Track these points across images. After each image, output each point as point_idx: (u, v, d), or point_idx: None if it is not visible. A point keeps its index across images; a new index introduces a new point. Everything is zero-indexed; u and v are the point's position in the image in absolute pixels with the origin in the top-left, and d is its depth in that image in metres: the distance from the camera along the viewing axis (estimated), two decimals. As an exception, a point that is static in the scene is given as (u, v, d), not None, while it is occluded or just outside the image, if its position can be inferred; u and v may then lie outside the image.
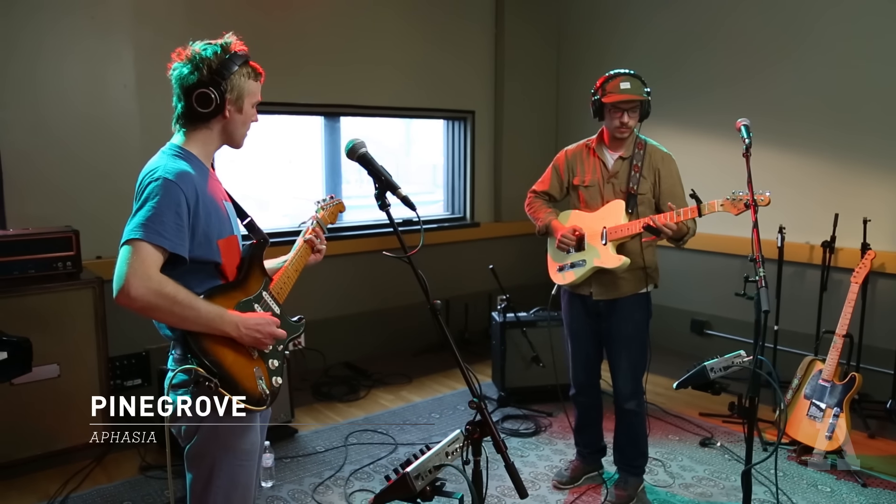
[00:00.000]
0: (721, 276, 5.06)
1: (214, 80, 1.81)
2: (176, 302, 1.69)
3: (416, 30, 5.35)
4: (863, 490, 3.30)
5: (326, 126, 5.19)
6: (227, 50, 1.85)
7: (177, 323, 1.73)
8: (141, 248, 1.67)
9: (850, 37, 4.37)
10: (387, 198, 1.76)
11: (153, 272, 1.68)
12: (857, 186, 4.36)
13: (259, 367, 1.87)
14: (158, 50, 4.12)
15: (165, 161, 1.81)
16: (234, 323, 1.79)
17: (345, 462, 3.60)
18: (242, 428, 1.88)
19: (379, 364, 5.03)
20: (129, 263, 1.66)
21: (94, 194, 4.01)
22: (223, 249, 1.86)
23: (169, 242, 1.70)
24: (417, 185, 6.02)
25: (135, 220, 1.71)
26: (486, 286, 5.87)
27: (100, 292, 3.62)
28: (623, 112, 3.01)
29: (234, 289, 1.88)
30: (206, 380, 1.71)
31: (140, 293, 1.65)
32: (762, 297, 2.18)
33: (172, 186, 1.73)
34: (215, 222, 1.84)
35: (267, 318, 1.87)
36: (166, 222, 1.70)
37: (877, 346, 4.15)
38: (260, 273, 1.97)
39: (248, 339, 1.82)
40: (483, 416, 1.60)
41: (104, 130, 4.02)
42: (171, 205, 1.71)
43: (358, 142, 1.78)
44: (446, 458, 1.63)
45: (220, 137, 1.92)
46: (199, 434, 1.84)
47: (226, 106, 1.84)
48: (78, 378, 3.57)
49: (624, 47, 5.63)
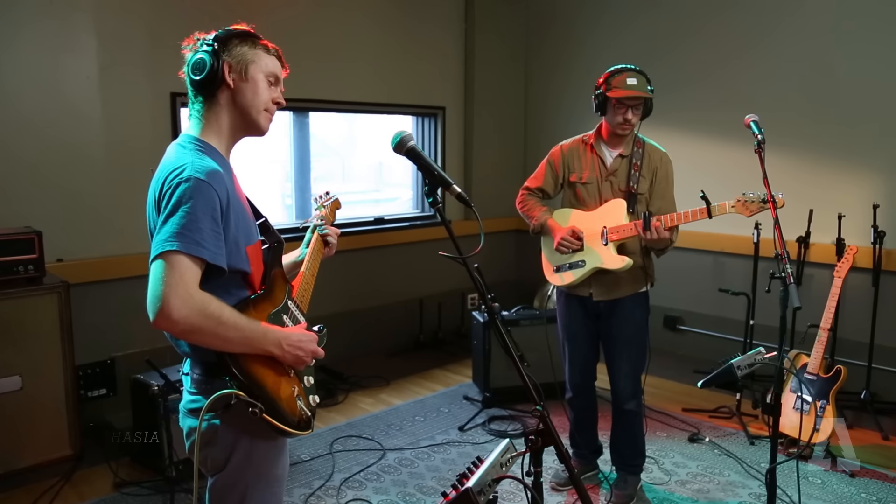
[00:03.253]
0: (693, 273, 5.12)
1: (210, 46, 1.66)
2: (220, 322, 1.50)
3: (387, 26, 5.22)
4: (851, 480, 3.35)
5: (295, 121, 5.01)
6: (227, 28, 1.71)
7: (219, 345, 1.54)
8: (178, 262, 1.47)
9: (822, 32, 4.45)
10: (438, 195, 1.63)
11: (194, 289, 1.49)
12: (831, 182, 4.44)
13: (296, 387, 1.72)
14: (124, 38, 3.94)
15: (191, 157, 1.59)
16: (278, 340, 1.62)
17: (333, 470, 3.46)
18: (276, 452, 1.74)
19: (353, 366, 4.89)
20: (166, 281, 1.46)
21: (54, 193, 3.74)
22: (251, 257, 1.68)
23: (209, 253, 1.51)
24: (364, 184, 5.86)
25: (167, 228, 1.50)
26: (458, 285, 5.81)
27: (65, 297, 3.38)
28: (628, 108, 2.96)
29: (262, 300, 1.70)
30: (249, 405, 1.53)
31: (183, 314, 1.45)
32: (792, 293, 2.15)
33: (206, 188, 1.53)
34: (243, 227, 1.66)
35: (308, 334, 1.72)
36: (204, 230, 1.50)
37: (849, 339, 4.25)
38: (282, 280, 1.80)
39: (290, 358, 1.66)
40: (546, 425, 1.50)
41: (65, 125, 3.75)
42: (206, 209, 1.52)
43: (406, 134, 1.63)
44: (501, 471, 1.53)
45: (232, 118, 1.70)
46: (230, 462, 1.66)
47: (225, 71, 1.65)
48: (42, 390, 3.33)
49: (593, 46, 5.63)
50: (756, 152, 2.52)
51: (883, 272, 4.06)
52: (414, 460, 3.60)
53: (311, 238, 2.09)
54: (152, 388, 3.27)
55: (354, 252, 5.11)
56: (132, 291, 3.97)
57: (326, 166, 5.31)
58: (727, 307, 4.95)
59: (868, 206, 4.11)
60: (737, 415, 4.06)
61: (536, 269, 4.74)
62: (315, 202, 2.29)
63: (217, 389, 1.56)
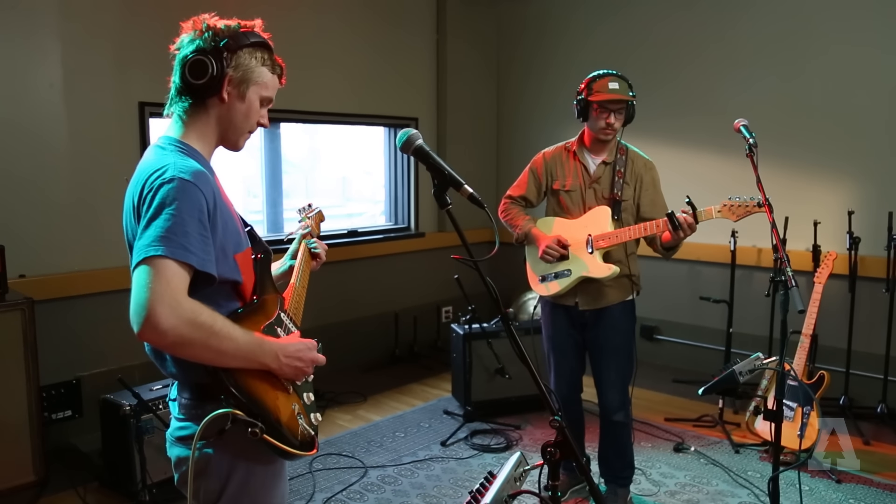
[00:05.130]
0: (669, 282, 5.12)
1: (216, 50, 1.49)
2: (213, 333, 1.37)
3: (359, 38, 5.15)
4: (838, 486, 3.35)
5: (266, 133, 4.90)
6: (244, 27, 1.56)
7: (212, 358, 1.40)
8: (164, 268, 1.34)
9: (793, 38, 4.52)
10: (446, 196, 1.55)
11: (183, 297, 1.35)
12: (805, 189, 4.49)
13: (297, 404, 1.59)
14: (89, 45, 3.79)
15: (173, 157, 1.46)
16: (274, 352, 1.49)
17: (314, 490, 3.33)
18: (275, 479, 1.60)
19: (328, 382, 4.75)
20: (152, 288, 1.32)
21: (15, 206, 3.56)
22: (241, 265, 1.56)
23: (197, 258, 1.38)
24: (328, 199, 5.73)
25: (150, 232, 1.36)
26: (433, 298, 5.73)
27: (29, 315, 3.21)
28: (610, 112, 2.93)
29: (255, 312, 1.57)
30: (248, 425, 1.39)
31: (171, 324, 1.32)
32: (795, 296, 2.12)
33: (192, 189, 1.41)
34: (231, 233, 1.54)
35: (306, 342, 1.59)
36: (191, 233, 1.38)
37: (826, 345, 4.27)
38: (273, 291, 1.67)
39: (288, 371, 1.53)
40: (564, 436, 1.43)
41: (27, 134, 3.58)
42: (193, 211, 1.39)
43: (412, 133, 1.55)
44: (516, 485, 1.46)
45: (217, 130, 1.58)
46: (226, 493, 1.52)
47: (224, 84, 1.51)
48: (4, 413, 3.14)
49: (564, 53, 5.64)
50: (748, 156, 2.50)
51: (859, 278, 4.10)
52: (397, 477, 3.50)
53: (298, 249, 2.00)
54: (123, 407, 3.11)
55: (327, 265, 4.93)
56: (99, 308, 3.82)
57: (288, 182, 5.18)
58: (704, 316, 4.96)
59: (842, 212, 4.16)
60: (720, 423, 4.05)
61: (513, 280, 4.72)
62: (299, 213, 2.22)
63: (209, 413, 1.43)
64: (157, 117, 4.02)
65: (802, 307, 2.13)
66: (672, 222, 2.72)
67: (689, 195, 2.78)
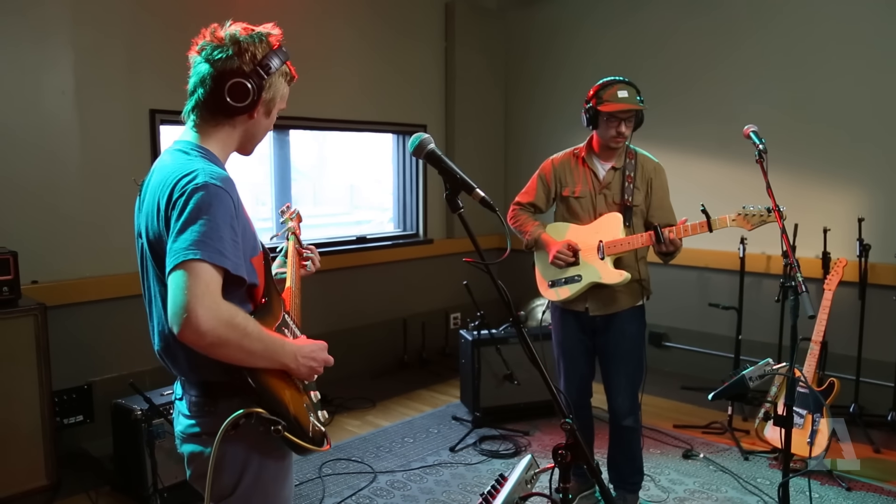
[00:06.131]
0: (678, 288, 5.12)
1: (257, 73, 1.55)
2: (246, 334, 1.43)
3: (367, 45, 5.18)
4: (848, 494, 3.34)
5: (276, 140, 4.94)
6: (272, 42, 1.60)
7: (243, 358, 1.46)
8: (202, 272, 1.39)
9: (805, 45, 4.52)
10: (458, 200, 1.57)
11: (220, 300, 1.41)
12: (815, 196, 4.48)
13: (307, 402, 1.65)
14: (100, 53, 3.83)
15: (201, 164, 1.51)
16: (293, 353, 1.55)
17: (324, 495, 3.34)
18: (285, 473, 1.66)
19: (337, 388, 4.77)
20: (192, 291, 1.37)
21: (28, 213, 3.60)
22: (257, 269, 1.61)
23: (231, 263, 1.44)
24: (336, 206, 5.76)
25: (186, 236, 1.41)
26: (441, 304, 5.74)
27: (42, 320, 3.24)
28: (620, 122, 2.94)
29: (266, 314, 1.62)
30: (270, 423, 1.45)
31: (211, 326, 1.37)
32: (805, 302, 2.13)
33: (223, 195, 1.46)
34: (250, 238, 1.59)
35: (319, 344, 1.65)
36: (225, 238, 1.43)
37: (836, 353, 4.26)
38: (276, 293, 1.71)
39: (304, 371, 1.59)
40: (575, 439, 1.44)
41: (39, 141, 3.62)
42: (226, 217, 1.45)
43: (424, 137, 1.57)
44: (527, 488, 1.47)
45: (239, 140, 1.66)
46: (239, 487, 1.57)
47: (259, 105, 1.58)
48: (16, 418, 3.17)
49: (573, 61, 5.66)
50: (757, 162, 2.51)
51: (869, 285, 4.09)
52: (406, 483, 3.50)
53: (288, 250, 2.04)
54: (135, 412, 3.13)
55: (335, 272, 5.02)
56: (110, 314, 3.85)
57: (297, 189, 5.20)
58: (712, 323, 4.96)
59: (852, 219, 4.15)
60: (729, 430, 4.04)
61: (522, 287, 4.72)
62: (282, 215, 2.27)
63: (222, 410, 1.50)
64: (168, 125, 4.05)
65: (813, 312, 2.13)
66: (657, 236, 2.83)
67: (703, 203, 2.79)
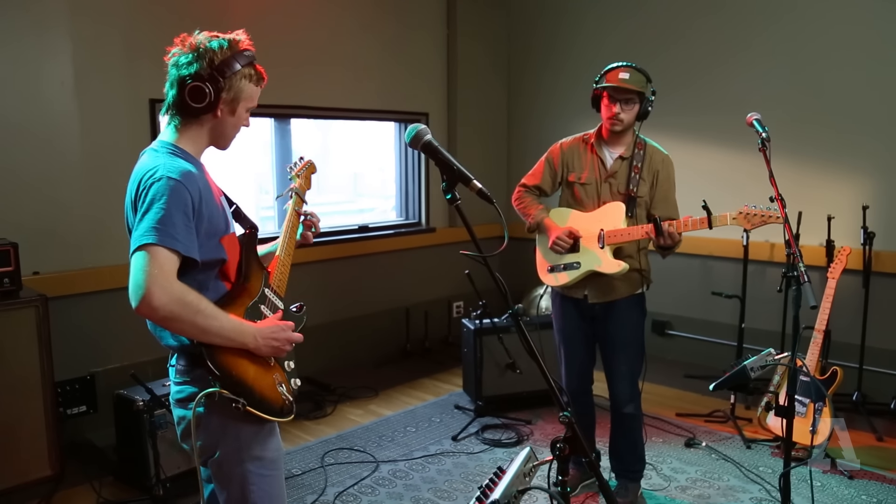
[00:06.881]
0: (681, 276, 5.10)
1: (213, 77, 1.70)
2: (198, 311, 1.60)
3: (369, 33, 5.15)
4: (850, 482, 3.34)
5: (277, 128, 4.91)
6: (234, 47, 1.75)
7: (197, 335, 1.63)
8: (157, 254, 1.57)
9: (809, 34, 4.48)
10: (455, 192, 1.56)
11: (173, 279, 1.59)
12: (819, 184, 4.45)
13: (278, 374, 1.80)
14: (99, 42, 3.81)
15: (164, 160, 1.69)
16: (252, 334, 1.71)
17: (326, 484, 3.35)
18: (265, 435, 1.80)
19: (340, 377, 4.79)
20: (147, 271, 1.55)
21: (28, 204, 3.60)
22: (227, 247, 1.79)
23: (182, 245, 1.61)
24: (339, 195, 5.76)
25: (144, 223, 1.60)
26: (444, 293, 5.74)
27: (43, 311, 3.24)
28: (617, 102, 2.92)
29: (239, 293, 1.79)
30: (232, 401, 1.63)
31: (163, 302, 1.54)
32: (807, 292, 2.11)
33: (178, 186, 1.63)
34: (217, 220, 1.76)
35: (280, 324, 1.79)
36: (177, 224, 1.61)
37: (839, 341, 4.24)
38: (258, 267, 1.88)
39: (266, 350, 1.74)
40: (574, 432, 1.43)
41: (39, 133, 3.61)
42: (179, 205, 1.62)
43: (421, 128, 1.57)
44: (525, 481, 1.46)
45: (209, 137, 1.83)
46: (220, 450, 1.75)
47: (219, 105, 1.74)
48: (18, 409, 3.17)
49: (576, 50, 5.62)
50: (760, 150, 2.49)
51: (873, 273, 4.06)
52: (408, 472, 3.51)
53: (287, 215, 2.06)
54: (137, 403, 3.14)
55: (338, 261, 5.01)
56: (111, 304, 3.85)
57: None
58: (716, 311, 4.94)
59: (856, 207, 4.12)
60: (731, 419, 4.03)
61: (523, 276, 4.72)
62: (289, 171, 2.24)
63: (200, 377, 1.69)
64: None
65: (815, 303, 2.11)
66: (656, 229, 2.81)
67: (705, 199, 2.77)
